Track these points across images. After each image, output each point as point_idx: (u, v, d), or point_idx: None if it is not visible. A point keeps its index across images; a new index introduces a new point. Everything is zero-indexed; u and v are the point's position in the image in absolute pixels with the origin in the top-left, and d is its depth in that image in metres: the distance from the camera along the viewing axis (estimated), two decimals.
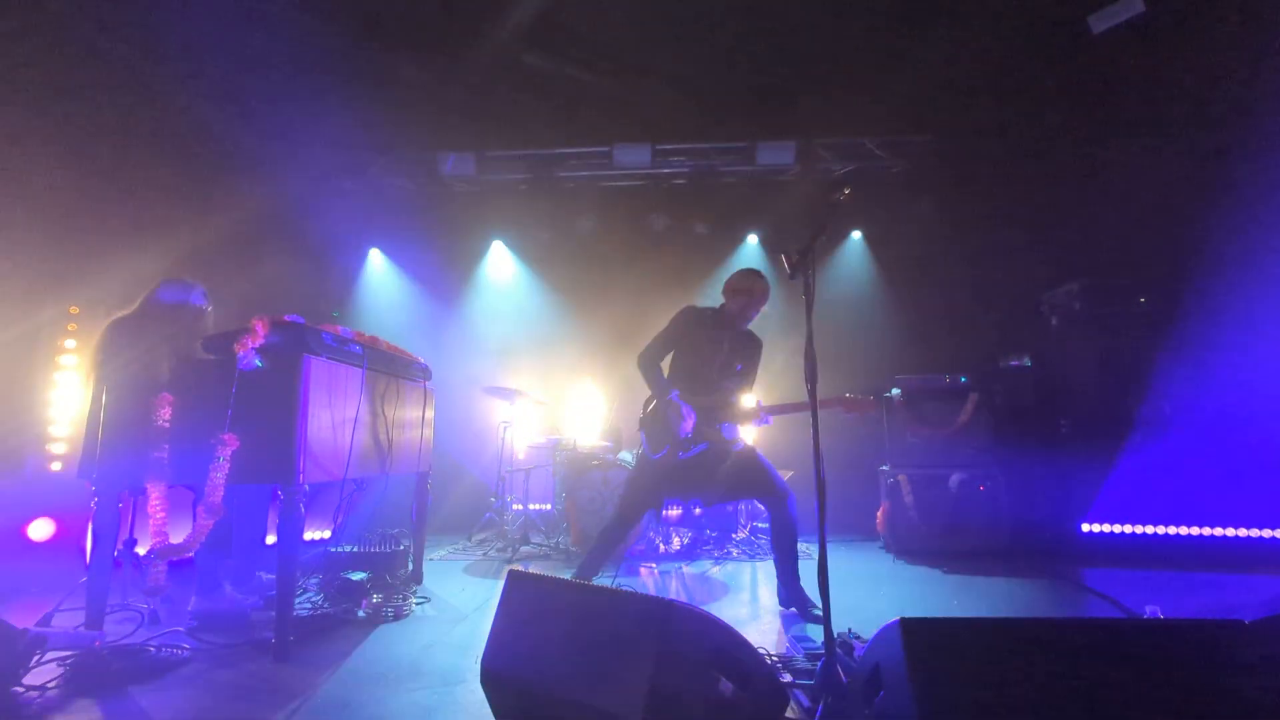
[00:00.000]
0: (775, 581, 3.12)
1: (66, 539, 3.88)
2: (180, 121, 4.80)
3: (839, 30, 4.34)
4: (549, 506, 5.51)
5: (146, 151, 4.83)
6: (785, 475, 3.36)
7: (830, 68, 4.68)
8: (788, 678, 2.17)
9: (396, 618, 3.06)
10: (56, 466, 4.34)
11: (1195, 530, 4.20)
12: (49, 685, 2.17)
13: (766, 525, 5.04)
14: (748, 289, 3.18)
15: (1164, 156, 4.85)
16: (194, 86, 4.59)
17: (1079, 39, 4.20)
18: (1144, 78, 4.53)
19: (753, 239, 6.47)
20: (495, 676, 1.80)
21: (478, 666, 1.85)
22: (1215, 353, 4.31)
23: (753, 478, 3.11)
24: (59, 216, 4.52)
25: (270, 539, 3.46)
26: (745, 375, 3.27)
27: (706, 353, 3.17)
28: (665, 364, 3.28)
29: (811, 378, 2.19)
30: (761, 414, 3.13)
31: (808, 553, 3.66)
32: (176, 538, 2.60)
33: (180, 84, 4.54)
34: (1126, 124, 4.92)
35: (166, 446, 2.62)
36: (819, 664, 1.95)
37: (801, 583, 3.05)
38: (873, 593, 3.59)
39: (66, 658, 2.29)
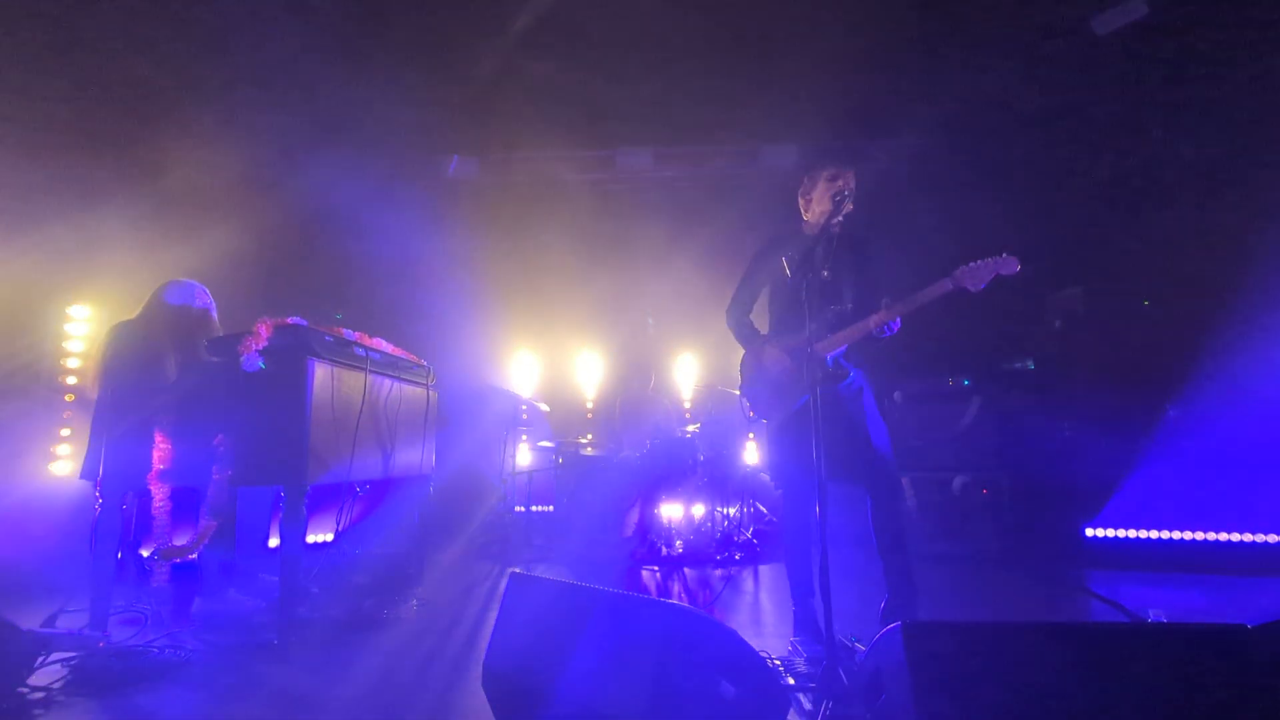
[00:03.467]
0: (776, 584, 3.08)
1: (70, 541, 3.89)
2: (183, 123, 4.82)
3: (841, 32, 4.35)
4: (551, 509, 5.51)
5: (149, 155, 4.85)
6: None
7: (832, 70, 4.68)
8: (789, 681, 2.16)
9: (398, 620, 3.06)
10: (60, 468, 4.36)
11: (1199, 535, 4.18)
12: (53, 686, 2.19)
13: (765, 528, 5.06)
14: (817, 184, 2.73)
15: (1167, 157, 4.84)
16: (197, 88, 4.61)
17: (1082, 40, 4.19)
18: (1148, 77, 4.52)
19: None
20: (496, 678, 1.81)
21: (479, 668, 1.85)
22: (1220, 355, 4.29)
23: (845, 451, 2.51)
24: (64, 218, 4.54)
25: (273, 541, 3.47)
26: (842, 284, 2.65)
27: (798, 277, 2.52)
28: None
29: (812, 380, 2.19)
30: (887, 317, 2.53)
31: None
32: (180, 539, 2.62)
33: (183, 86, 4.56)
34: (1129, 124, 4.91)
35: (170, 448, 2.63)
36: (820, 668, 1.95)
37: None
38: (874, 596, 3.58)
39: (70, 659, 2.30)
